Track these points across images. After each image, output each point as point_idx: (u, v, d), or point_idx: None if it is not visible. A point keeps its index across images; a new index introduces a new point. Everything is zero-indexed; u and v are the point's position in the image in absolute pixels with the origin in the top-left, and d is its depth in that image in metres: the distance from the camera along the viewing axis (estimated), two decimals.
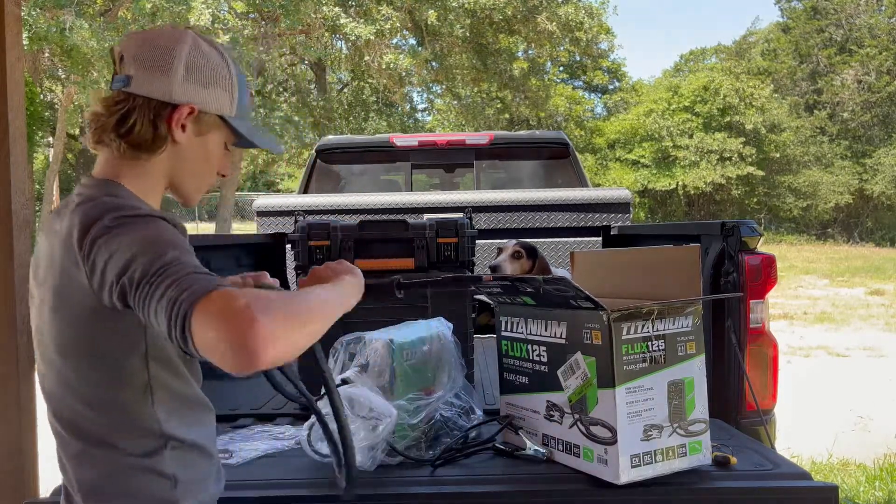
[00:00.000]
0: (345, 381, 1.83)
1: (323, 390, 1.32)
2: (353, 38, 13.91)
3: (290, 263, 3.83)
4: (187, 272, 0.96)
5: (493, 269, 3.13)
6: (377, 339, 1.90)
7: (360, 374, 1.84)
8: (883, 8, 32.32)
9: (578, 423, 1.73)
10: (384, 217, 3.78)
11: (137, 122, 1.16)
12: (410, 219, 2.74)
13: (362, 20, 14.15)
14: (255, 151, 22.01)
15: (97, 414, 1.12)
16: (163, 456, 1.13)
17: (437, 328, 2.04)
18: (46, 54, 13.60)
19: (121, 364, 1.11)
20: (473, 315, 2.54)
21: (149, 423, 1.13)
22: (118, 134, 1.16)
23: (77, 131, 20.11)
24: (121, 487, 1.12)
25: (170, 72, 1.17)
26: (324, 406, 1.35)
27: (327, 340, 2.02)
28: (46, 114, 18.91)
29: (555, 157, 4.97)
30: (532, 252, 3.25)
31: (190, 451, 1.18)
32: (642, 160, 30.48)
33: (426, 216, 3.69)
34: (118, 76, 1.18)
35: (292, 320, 0.94)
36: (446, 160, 5.11)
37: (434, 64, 17.31)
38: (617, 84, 37.29)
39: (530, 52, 19.57)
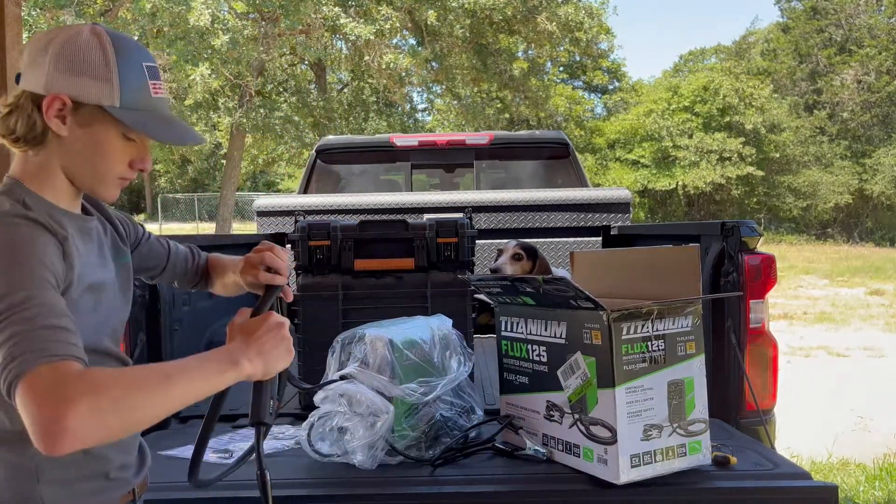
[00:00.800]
0: (344, 378, 1.83)
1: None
2: (353, 38, 13.90)
3: (291, 263, 3.83)
4: (30, 327, 0.96)
5: (494, 271, 3.13)
6: (375, 336, 1.90)
7: (362, 369, 1.84)
8: (883, 8, 32.31)
9: (578, 423, 1.74)
10: (384, 217, 3.78)
11: (19, 117, 1.15)
12: (410, 219, 2.74)
13: (362, 20, 14.14)
14: (255, 151, 22.03)
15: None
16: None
17: (436, 322, 2.05)
18: None
19: None
20: (473, 315, 2.54)
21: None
22: (7, 131, 1.16)
23: None
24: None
25: (43, 64, 1.14)
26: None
27: (328, 342, 2.04)
28: None
29: (555, 157, 4.97)
30: (532, 253, 3.24)
31: None
32: (642, 160, 30.47)
33: (426, 216, 3.69)
34: (18, 74, 1.19)
35: (114, 412, 0.93)
36: (446, 160, 5.11)
37: (434, 64, 17.31)
38: (617, 84, 37.30)
39: (530, 52, 19.57)
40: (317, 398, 1.85)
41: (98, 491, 1.18)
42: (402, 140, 4.95)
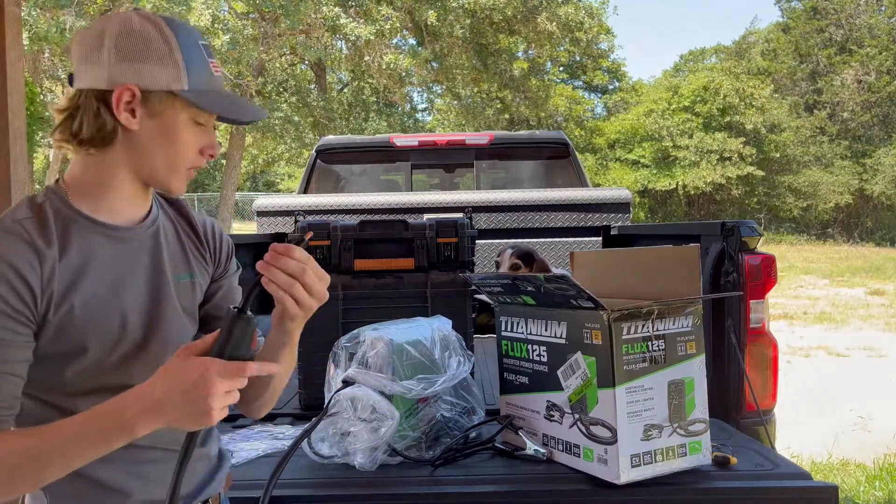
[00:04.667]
0: (346, 382, 1.83)
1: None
2: (353, 38, 13.91)
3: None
4: None
5: None
6: (375, 337, 1.90)
7: (361, 370, 1.84)
8: (883, 8, 32.31)
9: (578, 422, 1.73)
10: (384, 217, 3.78)
11: (84, 118, 1.09)
12: (410, 219, 2.74)
13: (362, 20, 14.15)
14: (255, 151, 22.03)
15: None
16: None
17: (436, 323, 2.04)
18: (46, 54, 13.61)
19: None
20: (473, 315, 2.54)
21: None
22: (69, 135, 1.10)
23: None
24: None
25: (100, 57, 1.07)
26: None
27: (328, 342, 2.04)
28: (47, 114, 18.90)
29: (555, 157, 4.97)
30: (529, 258, 3.25)
31: None
32: (642, 160, 30.48)
33: (426, 216, 3.69)
34: (70, 74, 1.12)
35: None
36: (446, 160, 5.11)
37: (434, 64, 17.31)
38: (617, 84, 37.30)
39: (530, 52, 19.58)
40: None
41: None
42: (402, 140, 4.95)
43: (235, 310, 1.01)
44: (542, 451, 1.83)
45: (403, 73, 15.97)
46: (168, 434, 1.05)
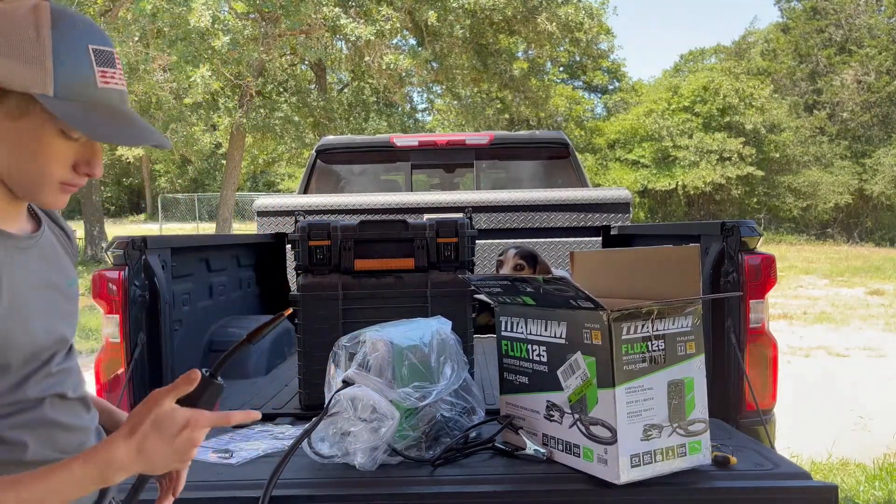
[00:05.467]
0: (346, 382, 1.83)
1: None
2: (354, 38, 13.90)
3: (291, 263, 3.83)
4: None
5: None
6: (376, 338, 1.90)
7: (360, 372, 1.84)
8: (883, 8, 32.32)
9: (578, 422, 1.74)
10: (384, 217, 3.78)
11: None
12: (410, 219, 2.74)
13: (362, 21, 14.15)
14: (255, 151, 22.02)
15: None
16: None
17: (436, 325, 2.04)
18: None
19: None
20: (473, 315, 2.54)
21: None
22: None
23: None
24: None
25: None
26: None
27: (328, 342, 2.04)
28: None
29: (555, 157, 4.97)
30: (532, 260, 3.25)
31: None
32: (642, 160, 30.50)
33: (426, 216, 3.70)
34: None
35: None
36: (446, 160, 5.12)
37: (434, 64, 17.30)
38: (617, 84, 37.35)
39: (530, 52, 19.57)
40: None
41: None
42: (402, 140, 4.95)
43: (209, 374, 1.04)
44: (542, 451, 1.83)
45: (403, 74, 15.97)
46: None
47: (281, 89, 19.35)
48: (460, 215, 2.69)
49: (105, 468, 0.94)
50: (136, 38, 12.55)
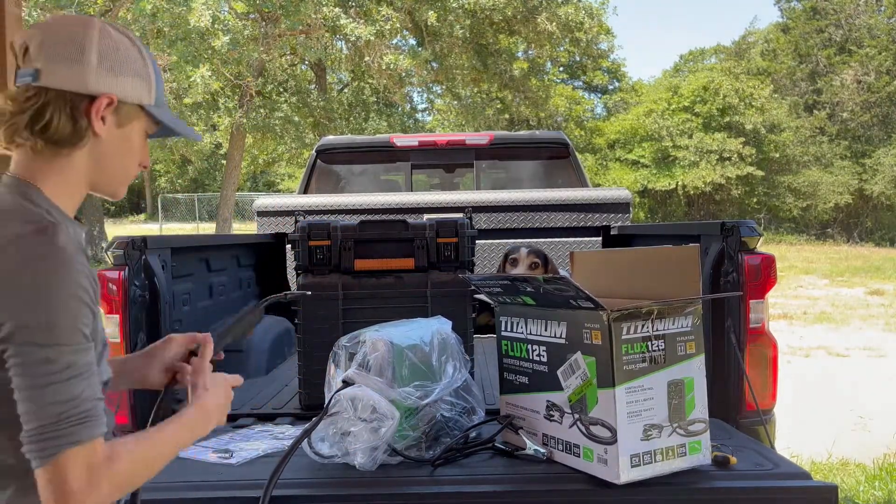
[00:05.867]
0: (346, 382, 1.84)
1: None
2: (354, 38, 13.90)
3: (291, 263, 3.83)
4: (66, 408, 0.97)
5: None
6: (376, 338, 1.90)
7: (360, 372, 1.84)
8: (883, 8, 32.32)
9: (578, 422, 1.74)
10: (384, 217, 3.78)
11: (54, 116, 1.08)
12: (410, 219, 2.74)
13: (362, 21, 14.15)
14: (255, 151, 22.02)
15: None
16: None
17: (437, 325, 2.04)
18: None
19: None
20: (473, 315, 2.54)
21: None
22: (33, 131, 1.07)
23: None
24: None
25: (81, 61, 1.09)
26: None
27: (328, 342, 2.04)
28: None
29: (555, 157, 4.97)
30: (545, 258, 3.26)
31: None
32: (642, 160, 30.50)
33: (426, 216, 3.69)
34: (23, 70, 1.10)
35: (127, 487, 1.06)
36: (446, 160, 5.12)
37: (434, 64, 17.30)
38: (617, 84, 37.35)
39: (530, 52, 19.57)
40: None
41: None
42: (402, 140, 4.95)
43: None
44: (542, 451, 1.83)
45: (403, 74, 15.97)
46: None
47: (281, 89, 19.36)
48: (460, 215, 2.69)
49: (205, 417, 1.23)
50: None
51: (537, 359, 1.86)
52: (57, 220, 1.06)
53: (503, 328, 1.99)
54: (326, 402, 1.83)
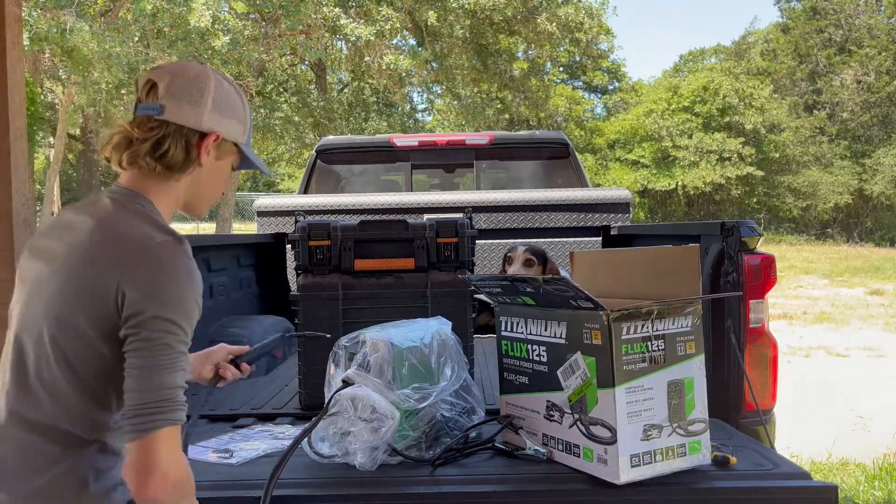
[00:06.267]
0: (346, 382, 1.84)
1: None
2: (354, 38, 13.90)
3: (291, 263, 3.83)
4: (177, 383, 1.20)
5: None
6: (376, 339, 1.90)
7: (360, 372, 1.84)
8: (882, 8, 32.31)
9: (578, 422, 1.74)
10: (384, 217, 3.78)
11: (171, 146, 1.31)
12: (410, 219, 2.74)
13: (362, 21, 14.14)
14: (255, 151, 21.99)
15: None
16: None
17: (437, 326, 2.04)
18: (47, 55, 13.60)
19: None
20: (473, 315, 2.54)
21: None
22: (153, 156, 1.31)
23: (77, 131, 20.11)
24: None
25: (201, 104, 1.35)
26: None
27: (327, 343, 2.04)
28: (47, 114, 18.88)
29: (555, 157, 4.97)
30: (542, 256, 3.25)
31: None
32: (642, 160, 30.48)
33: (426, 216, 3.70)
34: (147, 104, 1.34)
35: (189, 475, 1.24)
36: (446, 160, 5.11)
37: (434, 64, 17.29)
38: (617, 84, 37.32)
39: (530, 52, 19.56)
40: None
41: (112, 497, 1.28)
42: (402, 140, 4.95)
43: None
44: (542, 451, 1.83)
45: (403, 74, 15.96)
46: None
47: (281, 89, 19.35)
48: (460, 215, 2.69)
49: None
50: (136, 38, 12.54)
51: (537, 359, 1.86)
52: (181, 238, 1.29)
53: (503, 328, 1.99)
54: (326, 401, 1.83)
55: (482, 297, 2.17)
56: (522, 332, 1.91)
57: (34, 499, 1.19)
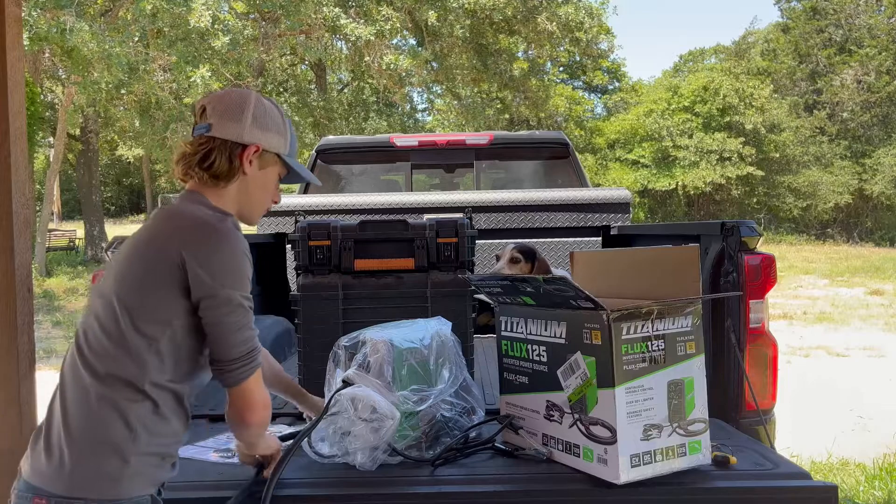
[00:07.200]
0: (346, 382, 1.84)
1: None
2: (354, 38, 13.90)
3: (291, 263, 3.83)
4: (248, 345, 1.46)
5: None
6: (376, 339, 1.90)
7: (360, 372, 1.84)
8: (883, 8, 32.30)
9: (578, 422, 1.74)
10: (384, 217, 3.78)
11: (217, 158, 1.50)
12: (410, 219, 2.74)
13: (362, 21, 14.14)
14: None
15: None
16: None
17: (436, 326, 2.04)
18: (47, 55, 13.60)
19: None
20: (473, 315, 2.54)
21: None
22: (202, 168, 1.50)
23: (77, 131, 20.11)
24: None
25: (241, 120, 1.52)
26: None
27: (328, 342, 2.04)
28: (47, 114, 18.89)
29: (555, 157, 4.97)
30: (530, 254, 3.23)
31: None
32: (642, 160, 30.47)
33: (426, 216, 3.69)
34: (199, 125, 1.53)
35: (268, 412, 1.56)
36: (446, 160, 5.11)
37: (434, 64, 17.30)
38: (617, 84, 37.30)
39: (530, 52, 19.55)
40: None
41: (157, 467, 1.43)
42: (402, 140, 4.95)
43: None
44: (542, 451, 1.83)
45: (403, 74, 15.95)
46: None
47: (281, 89, 19.35)
48: (460, 215, 2.69)
49: None
50: (136, 38, 12.55)
51: (537, 359, 1.86)
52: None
53: (503, 328, 1.99)
54: (326, 401, 1.83)
55: (482, 297, 2.17)
56: (522, 332, 1.91)
57: (87, 436, 1.35)
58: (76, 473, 1.33)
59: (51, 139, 20.84)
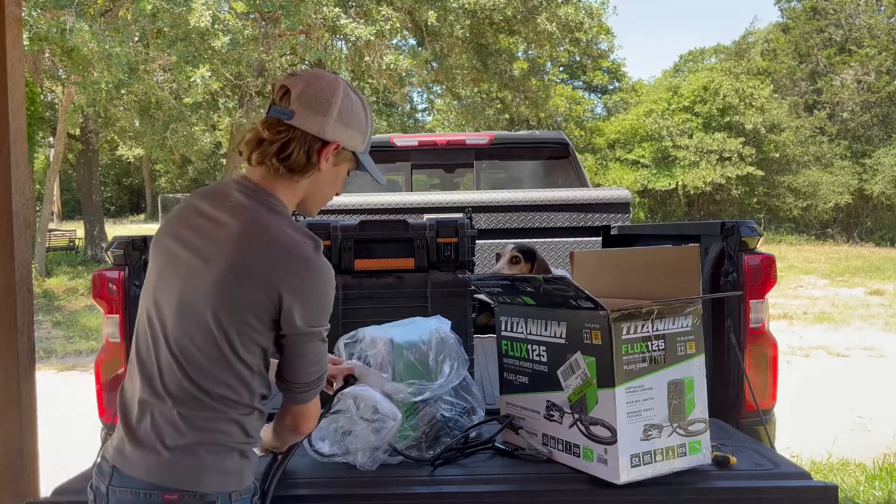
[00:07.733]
0: (347, 381, 1.84)
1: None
2: (354, 38, 13.89)
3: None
4: (317, 374, 1.49)
5: None
6: (377, 337, 1.90)
7: (364, 365, 1.85)
8: (883, 8, 32.30)
9: (578, 422, 1.74)
10: (384, 217, 3.78)
11: (295, 150, 1.42)
12: (410, 219, 2.74)
13: (362, 21, 14.14)
14: None
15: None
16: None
17: (436, 324, 2.05)
18: (47, 55, 13.60)
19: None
20: (473, 315, 2.54)
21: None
22: (279, 158, 1.42)
23: (77, 131, 20.10)
24: None
25: (326, 114, 1.44)
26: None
27: (328, 342, 2.04)
28: (47, 114, 18.89)
29: (555, 157, 4.97)
30: (530, 255, 3.23)
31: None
32: (642, 160, 30.47)
33: (426, 216, 3.69)
34: (280, 108, 1.44)
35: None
36: (446, 160, 5.11)
37: (434, 64, 17.28)
38: (617, 84, 37.29)
39: (530, 52, 19.54)
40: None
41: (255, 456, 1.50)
42: (402, 140, 4.95)
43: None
44: (542, 451, 1.83)
45: (403, 74, 15.94)
46: None
47: None
48: (460, 215, 2.69)
49: None
50: (136, 38, 12.54)
51: (537, 359, 1.86)
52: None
53: (503, 328, 1.99)
54: (330, 398, 1.83)
55: (482, 297, 2.17)
56: (522, 332, 1.91)
57: (209, 439, 1.38)
58: (208, 473, 1.37)
59: (51, 139, 20.84)
